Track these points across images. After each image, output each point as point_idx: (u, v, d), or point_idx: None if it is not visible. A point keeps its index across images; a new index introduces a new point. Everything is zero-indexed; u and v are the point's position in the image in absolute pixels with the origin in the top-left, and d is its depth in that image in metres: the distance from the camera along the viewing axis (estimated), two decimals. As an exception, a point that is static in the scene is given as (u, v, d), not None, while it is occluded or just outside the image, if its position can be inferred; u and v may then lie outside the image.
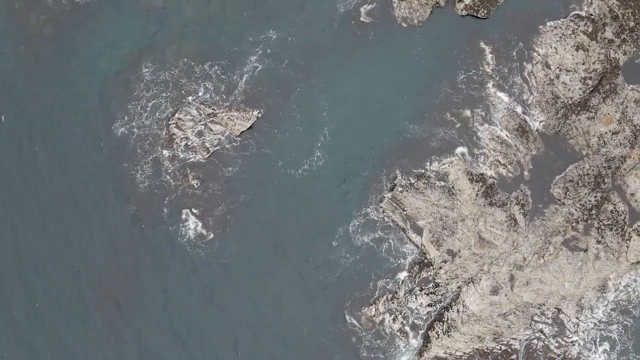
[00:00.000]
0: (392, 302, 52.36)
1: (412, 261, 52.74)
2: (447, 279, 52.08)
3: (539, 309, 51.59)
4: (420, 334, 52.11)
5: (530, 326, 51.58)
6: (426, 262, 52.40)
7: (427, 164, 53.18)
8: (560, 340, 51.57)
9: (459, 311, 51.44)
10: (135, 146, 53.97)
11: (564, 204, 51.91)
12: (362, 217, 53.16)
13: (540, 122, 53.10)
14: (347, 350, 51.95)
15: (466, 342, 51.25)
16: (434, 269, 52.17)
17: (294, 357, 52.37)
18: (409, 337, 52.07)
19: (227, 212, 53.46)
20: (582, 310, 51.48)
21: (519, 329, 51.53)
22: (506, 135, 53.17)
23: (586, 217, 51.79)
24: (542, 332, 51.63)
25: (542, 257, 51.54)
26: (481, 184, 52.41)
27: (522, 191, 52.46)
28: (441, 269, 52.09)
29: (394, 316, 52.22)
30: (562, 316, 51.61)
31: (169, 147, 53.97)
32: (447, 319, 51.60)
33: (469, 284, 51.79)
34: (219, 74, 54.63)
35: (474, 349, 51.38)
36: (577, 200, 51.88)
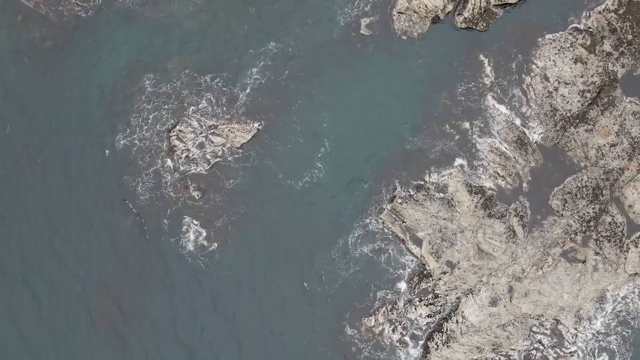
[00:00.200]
0: (392, 312, 52.54)
1: (411, 272, 52.96)
2: (446, 290, 52.27)
3: (538, 320, 51.73)
4: (419, 345, 52.28)
5: (528, 337, 51.75)
6: (425, 273, 52.60)
7: (427, 175, 53.36)
8: (558, 351, 51.72)
9: (458, 322, 51.62)
10: (136, 158, 54.26)
11: (563, 216, 52.07)
12: (362, 229, 53.36)
13: (538, 134, 53.25)
14: (346, 360, 52.29)
15: (465, 352, 51.40)
16: (433, 280, 52.37)
17: (295, 368, 52.77)
18: (408, 348, 52.26)
19: (228, 223, 53.71)
20: (581, 321, 51.61)
21: (517, 339, 51.71)
22: (505, 147, 53.34)
23: (584, 228, 51.95)
24: (540, 342, 51.78)
25: (541, 268, 51.71)
26: (480, 195, 52.62)
27: (520, 203, 52.64)
28: (440, 280, 52.28)
29: (393, 327, 52.41)
30: (560, 327, 51.77)
31: (170, 159, 54.33)
32: (446, 330, 51.78)
33: (468, 295, 51.98)
34: (220, 86, 54.85)
35: (473, 359, 51.62)
36: (576, 212, 52.04)
